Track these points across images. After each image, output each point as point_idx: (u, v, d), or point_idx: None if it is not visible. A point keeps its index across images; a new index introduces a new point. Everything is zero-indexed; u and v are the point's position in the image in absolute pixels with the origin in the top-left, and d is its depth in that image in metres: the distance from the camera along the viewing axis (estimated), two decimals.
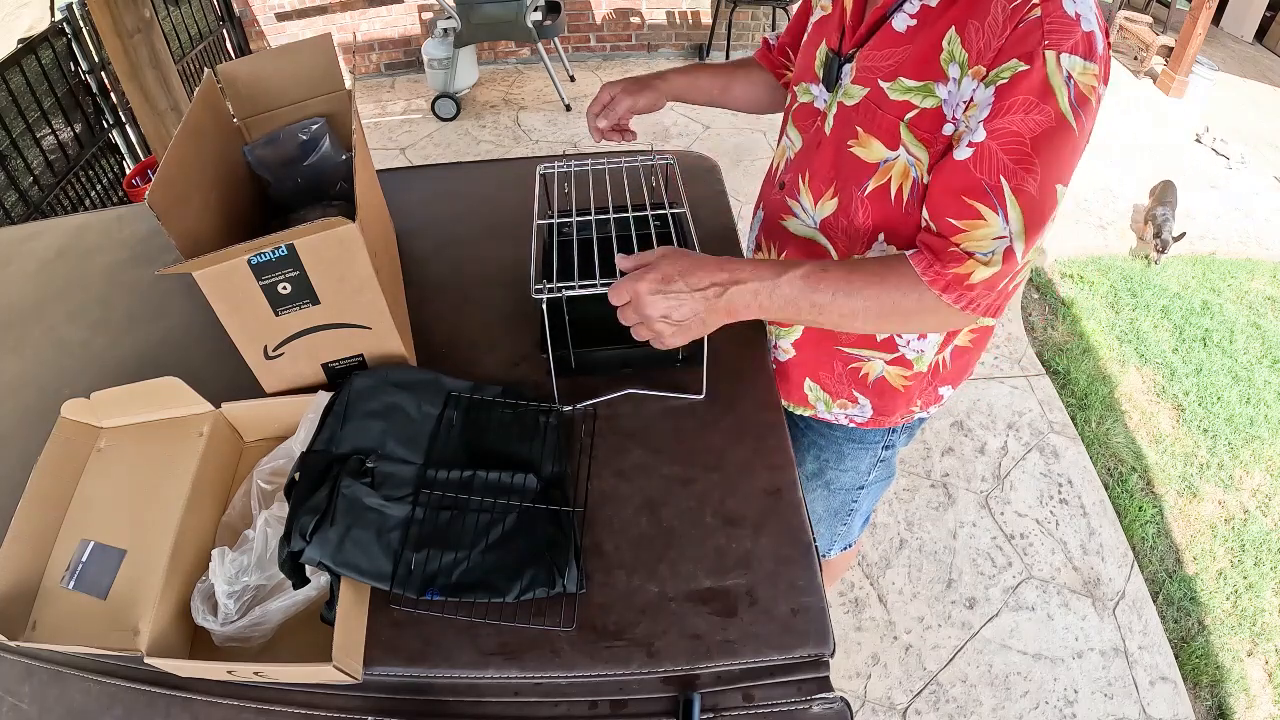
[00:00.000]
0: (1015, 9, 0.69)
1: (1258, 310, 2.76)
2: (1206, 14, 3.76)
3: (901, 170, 0.82)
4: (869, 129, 0.83)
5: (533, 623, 0.72)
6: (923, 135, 0.78)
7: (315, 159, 1.08)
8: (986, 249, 0.73)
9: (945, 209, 0.75)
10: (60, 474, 0.86)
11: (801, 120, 0.96)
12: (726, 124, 3.83)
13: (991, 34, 0.70)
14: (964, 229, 0.74)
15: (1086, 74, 0.69)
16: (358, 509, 0.76)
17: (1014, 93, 0.69)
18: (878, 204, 0.85)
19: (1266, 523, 2.09)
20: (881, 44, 0.81)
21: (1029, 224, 0.72)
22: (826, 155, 0.90)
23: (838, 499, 1.23)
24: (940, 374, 1.02)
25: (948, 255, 0.75)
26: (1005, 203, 0.72)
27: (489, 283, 1.14)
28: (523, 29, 3.65)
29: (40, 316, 1.19)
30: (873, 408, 1.05)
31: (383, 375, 0.90)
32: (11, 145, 2.40)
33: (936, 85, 0.76)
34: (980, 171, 0.72)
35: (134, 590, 0.77)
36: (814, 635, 0.72)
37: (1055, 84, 0.68)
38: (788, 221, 0.98)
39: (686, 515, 0.82)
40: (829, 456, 1.16)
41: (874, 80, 0.81)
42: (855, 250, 0.89)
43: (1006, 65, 0.70)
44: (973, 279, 0.74)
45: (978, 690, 1.73)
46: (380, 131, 3.89)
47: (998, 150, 0.71)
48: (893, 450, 1.16)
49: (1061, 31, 0.68)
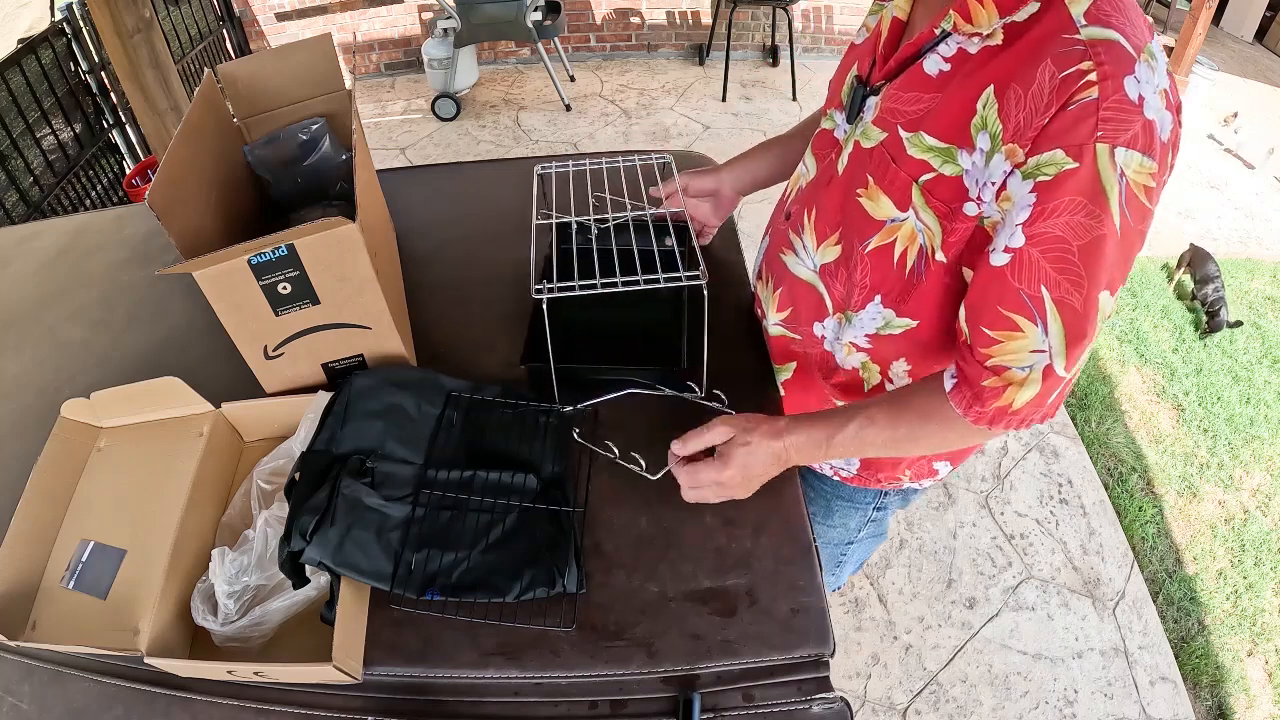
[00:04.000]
0: (1066, 81, 0.58)
1: (1258, 310, 2.76)
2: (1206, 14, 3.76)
3: (908, 234, 0.74)
4: (880, 182, 0.75)
5: (533, 623, 0.72)
6: (937, 205, 0.70)
7: (315, 159, 1.08)
8: (1024, 363, 0.67)
9: (980, 317, 0.69)
10: (60, 474, 0.86)
11: (819, 148, 0.89)
12: (727, 124, 3.83)
13: (1034, 108, 0.60)
14: (999, 340, 0.67)
15: (1143, 172, 0.59)
16: (358, 509, 0.76)
17: (1058, 193, 0.60)
18: (878, 264, 0.78)
19: (1266, 523, 2.09)
20: (909, 84, 0.72)
21: (1071, 338, 0.65)
22: (835, 197, 0.83)
23: (824, 552, 1.18)
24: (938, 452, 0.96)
25: (984, 391, 0.70)
26: (1046, 315, 0.64)
27: (489, 283, 1.14)
28: (523, 29, 3.65)
29: (40, 316, 1.18)
30: (859, 461, 0.99)
31: (383, 375, 0.90)
32: (11, 145, 2.40)
33: (960, 152, 0.67)
34: (1019, 281, 0.64)
35: (134, 590, 0.77)
36: (814, 635, 0.72)
37: (1107, 184, 0.59)
38: (787, 257, 0.92)
39: (686, 515, 0.82)
40: (816, 510, 1.11)
41: (894, 126, 0.73)
42: (850, 304, 0.84)
43: (1049, 158, 0.60)
44: (1015, 405, 0.69)
45: (978, 690, 1.73)
46: (380, 131, 3.89)
47: (1040, 259, 0.63)
48: (885, 512, 1.11)
49: (1119, 121, 0.57)
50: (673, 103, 4.05)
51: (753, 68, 4.36)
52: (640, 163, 1.07)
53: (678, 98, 4.09)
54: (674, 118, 3.91)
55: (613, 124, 3.88)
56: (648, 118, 3.92)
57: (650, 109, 4.00)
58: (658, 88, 4.20)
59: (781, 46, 4.35)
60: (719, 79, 4.11)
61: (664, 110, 3.98)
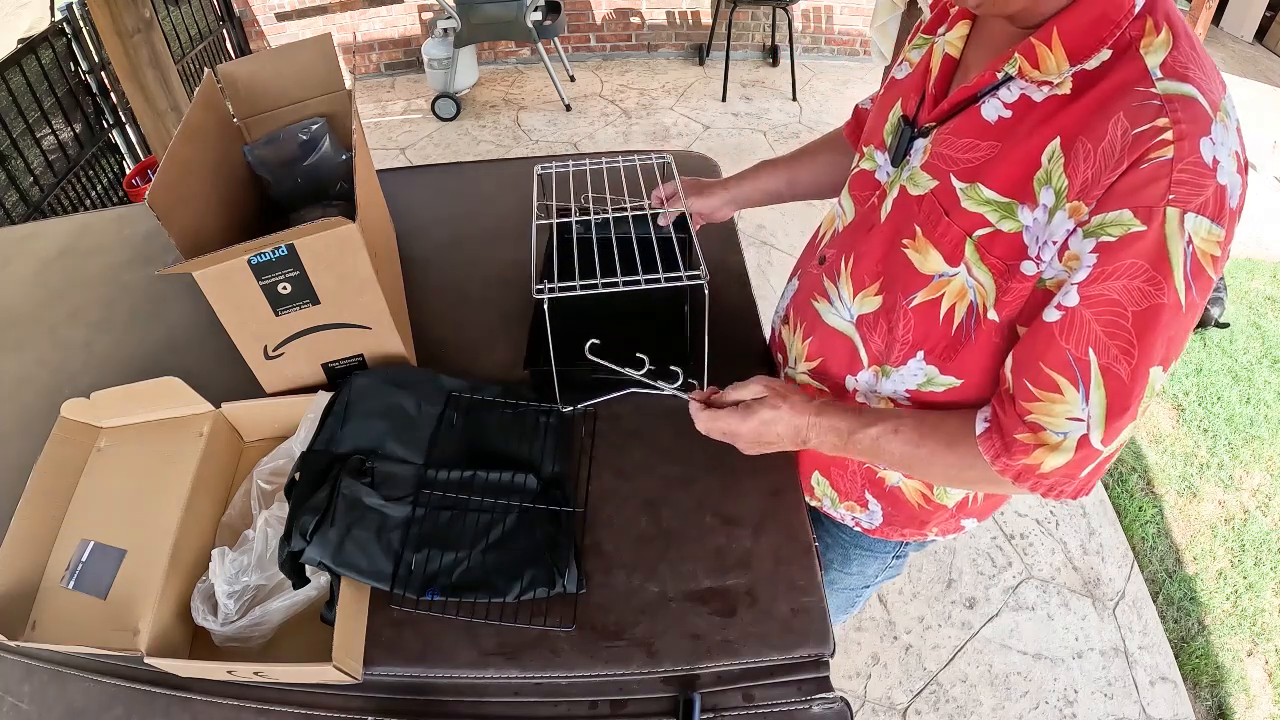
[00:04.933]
0: (1139, 138, 0.55)
1: (1258, 310, 2.76)
2: (1206, 14, 3.76)
3: (958, 291, 0.70)
4: (929, 235, 0.70)
5: (533, 623, 0.72)
6: (992, 262, 0.66)
7: (315, 159, 1.08)
8: (1060, 429, 0.63)
9: (1024, 371, 0.65)
10: (60, 474, 0.86)
11: (858, 189, 0.83)
12: (727, 124, 3.83)
13: (1104, 164, 0.57)
14: (1039, 399, 0.64)
15: (1211, 239, 0.56)
16: (358, 509, 0.76)
17: (1121, 256, 0.57)
18: (923, 320, 0.74)
19: (1266, 523, 2.09)
20: (964, 129, 0.67)
21: (1112, 409, 0.61)
22: (877, 245, 0.78)
23: (840, 596, 1.16)
24: (968, 508, 0.90)
25: (1015, 444, 0.66)
26: (1089, 381, 0.61)
27: (489, 283, 1.14)
28: (523, 29, 3.65)
29: (41, 316, 1.18)
30: (883, 515, 0.94)
31: (382, 375, 0.90)
32: (11, 145, 2.40)
33: (1021, 208, 0.63)
34: (1066, 341, 0.61)
35: (134, 590, 0.77)
36: (814, 635, 0.72)
37: (1172, 251, 0.56)
38: (820, 304, 0.86)
39: (686, 515, 0.82)
40: (833, 557, 1.07)
41: (946, 175, 0.68)
42: (890, 358, 0.79)
43: (1115, 217, 0.56)
44: (1043, 469, 0.65)
45: (978, 690, 1.73)
46: (380, 131, 3.89)
47: (1092, 320, 0.60)
48: (903, 560, 1.07)
49: (1193, 184, 0.54)
50: (673, 103, 4.04)
51: (753, 68, 4.35)
52: (640, 162, 1.07)
53: (678, 98, 4.09)
54: (674, 118, 3.91)
55: (613, 124, 3.88)
56: (648, 118, 3.92)
57: (650, 109, 4.00)
58: (658, 88, 4.20)
59: (781, 46, 4.35)
60: (719, 79, 4.11)
61: (664, 110, 3.98)
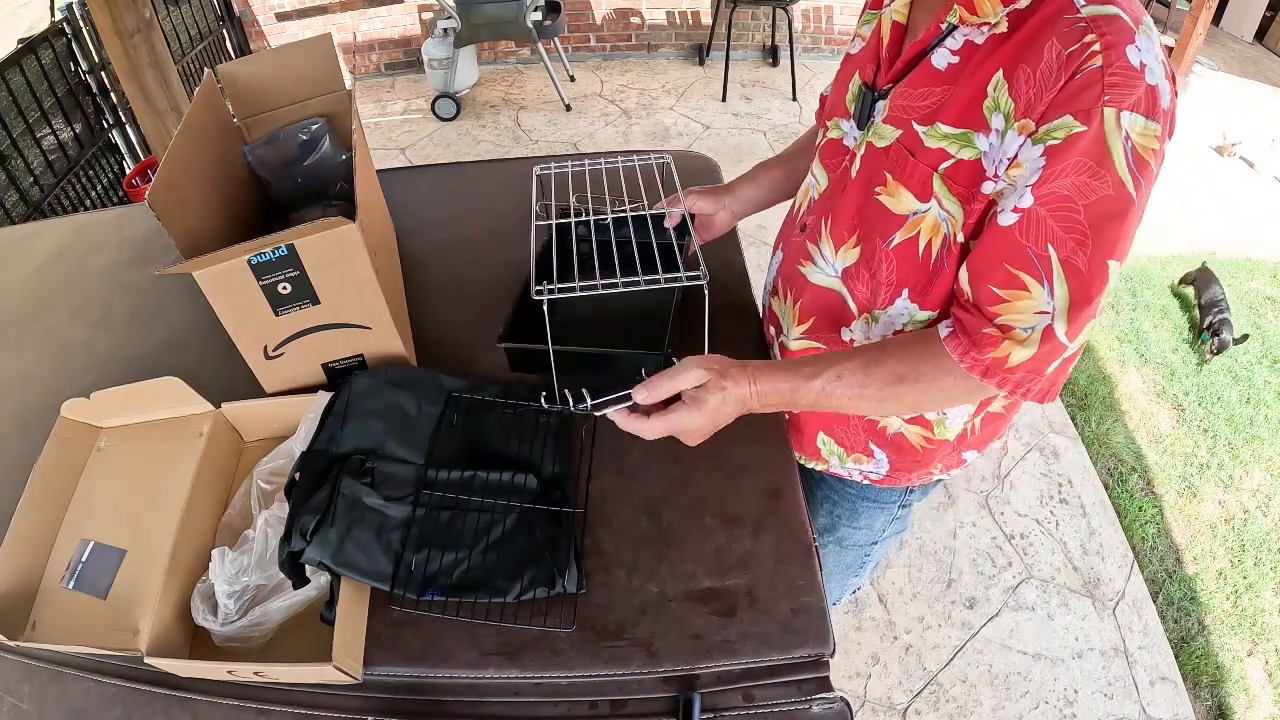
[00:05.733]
0: (1071, 56, 0.62)
1: (1258, 310, 2.76)
2: (1206, 14, 3.76)
3: (932, 225, 0.76)
4: (899, 177, 0.76)
5: (533, 623, 0.72)
6: (958, 190, 0.72)
7: (315, 159, 1.08)
8: (1026, 324, 0.68)
9: (987, 276, 0.70)
10: (60, 474, 0.86)
11: (829, 158, 0.89)
12: (727, 124, 3.83)
13: (1043, 84, 0.63)
14: (1006, 299, 0.69)
15: (1147, 134, 0.62)
16: (358, 509, 0.76)
17: (1067, 155, 0.63)
18: (903, 259, 0.79)
19: (1266, 523, 2.09)
20: (919, 81, 0.74)
21: (1074, 300, 0.66)
22: (852, 200, 0.83)
23: (850, 555, 1.18)
24: (967, 440, 0.94)
25: (983, 338, 0.70)
26: (1052, 275, 0.66)
27: (489, 283, 1.14)
28: (523, 29, 3.65)
29: (40, 316, 1.19)
30: (889, 463, 0.98)
31: (382, 375, 0.90)
32: (11, 145, 2.40)
33: (977, 135, 0.69)
34: (1027, 239, 0.66)
35: (134, 590, 0.77)
36: (814, 635, 0.72)
37: (1113, 146, 0.62)
38: (806, 268, 0.91)
39: (686, 515, 0.82)
40: (841, 513, 1.10)
41: (908, 122, 0.75)
42: (877, 302, 0.84)
43: (1059, 123, 0.63)
44: (1011, 361, 0.69)
45: (978, 690, 1.73)
46: (380, 131, 3.89)
47: (1047, 218, 0.65)
48: (909, 509, 1.10)
49: (1124, 86, 0.60)
50: (673, 103, 4.04)
51: (753, 68, 4.36)
52: (639, 163, 1.07)
53: (678, 98, 4.09)
54: (674, 118, 3.91)
55: (613, 124, 3.88)
56: (648, 118, 3.92)
57: (650, 109, 4.00)
58: (658, 88, 4.20)
59: (781, 46, 4.35)
60: (719, 79, 4.11)
61: (664, 110, 3.98)
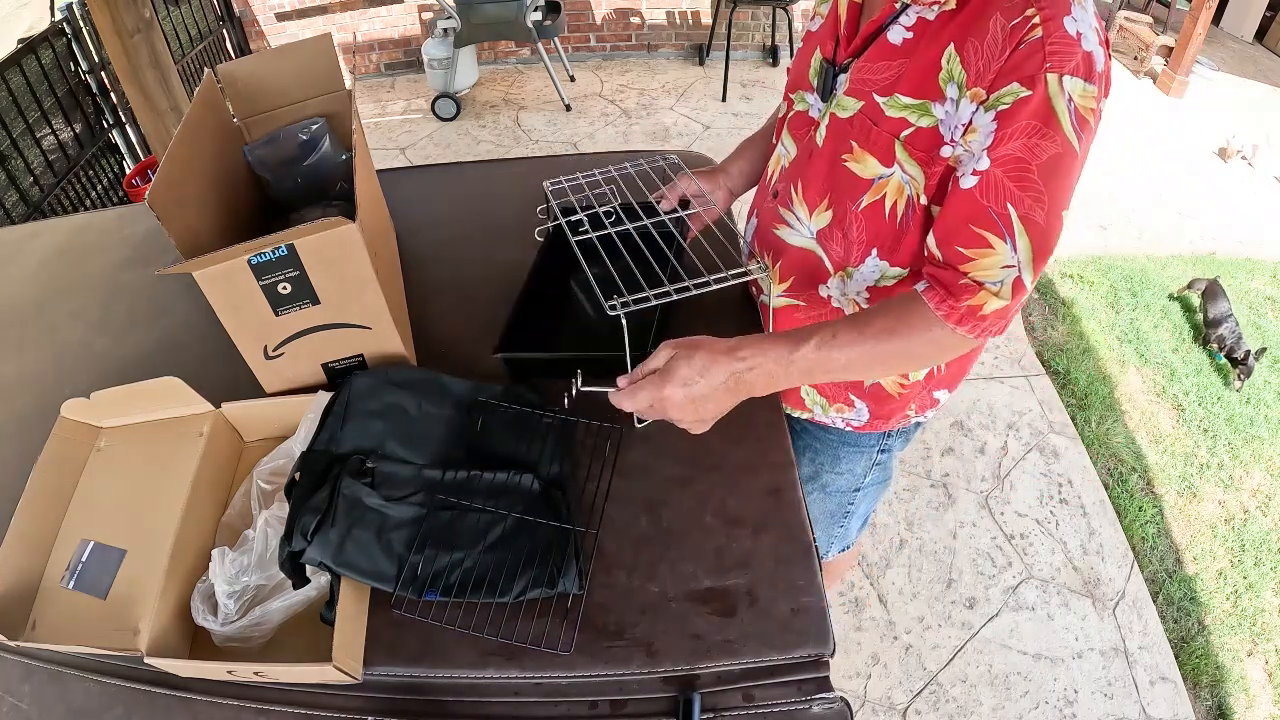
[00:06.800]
0: (1015, 28, 0.68)
1: (1258, 310, 2.76)
2: (1206, 14, 3.76)
3: (896, 187, 0.82)
4: (864, 145, 0.82)
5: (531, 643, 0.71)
6: (918, 154, 0.78)
7: (315, 159, 1.08)
8: (996, 278, 0.74)
9: (954, 238, 0.75)
10: (60, 474, 0.86)
11: (796, 129, 0.96)
12: (727, 124, 3.83)
13: (990, 54, 0.70)
14: (973, 258, 0.74)
15: (1087, 95, 0.69)
16: (358, 509, 0.76)
17: (1016, 119, 0.69)
18: (872, 220, 0.85)
19: (1266, 523, 2.09)
20: (877, 56, 0.80)
21: (1036, 253, 0.72)
22: (820, 167, 0.89)
23: (834, 501, 1.23)
24: (935, 378, 1.02)
25: (959, 288, 0.75)
26: (1014, 231, 0.72)
27: (489, 283, 1.14)
28: (523, 29, 3.65)
29: (40, 316, 1.18)
30: (869, 411, 1.05)
31: (383, 375, 0.90)
32: (11, 145, 2.40)
33: (933, 105, 0.75)
34: (987, 200, 0.72)
35: (134, 590, 0.77)
36: (814, 635, 0.72)
37: (1058, 108, 0.68)
38: (781, 231, 0.97)
39: (686, 515, 0.82)
40: (824, 460, 1.16)
41: (869, 94, 0.81)
42: (850, 260, 0.90)
43: (1007, 90, 0.69)
44: (985, 309, 0.75)
45: (978, 690, 1.73)
46: (380, 131, 3.89)
47: (1003, 178, 0.71)
48: (889, 454, 1.16)
49: (1063, 53, 0.67)
50: (673, 103, 4.05)
51: (753, 68, 4.36)
52: (649, 165, 1.07)
53: (678, 98, 4.09)
54: (674, 118, 3.91)
55: (613, 124, 3.88)
56: (648, 118, 3.92)
57: (650, 109, 4.00)
58: (658, 88, 4.20)
59: (781, 46, 4.35)
60: (719, 79, 4.11)
61: (664, 110, 3.98)
